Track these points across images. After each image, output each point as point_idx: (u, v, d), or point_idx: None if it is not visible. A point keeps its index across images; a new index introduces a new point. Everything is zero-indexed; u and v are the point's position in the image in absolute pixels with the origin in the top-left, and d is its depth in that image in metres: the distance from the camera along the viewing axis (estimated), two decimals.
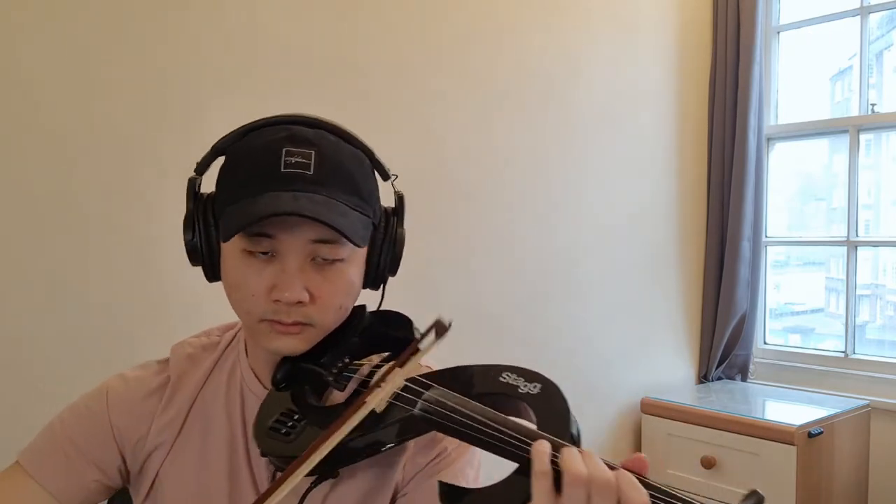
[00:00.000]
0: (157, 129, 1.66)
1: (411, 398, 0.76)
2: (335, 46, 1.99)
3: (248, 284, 0.79)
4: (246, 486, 0.86)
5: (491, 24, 2.36)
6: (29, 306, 1.52)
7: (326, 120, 0.83)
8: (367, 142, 0.85)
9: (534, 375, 0.76)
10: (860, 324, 2.95)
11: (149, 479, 0.87)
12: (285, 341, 0.80)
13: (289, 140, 0.78)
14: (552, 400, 0.73)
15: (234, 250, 0.79)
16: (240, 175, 0.79)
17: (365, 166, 0.84)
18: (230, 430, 0.87)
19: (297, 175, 0.76)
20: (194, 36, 1.74)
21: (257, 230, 0.76)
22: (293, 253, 0.78)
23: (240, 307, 0.81)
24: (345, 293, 0.82)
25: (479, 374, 0.80)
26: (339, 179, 0.78)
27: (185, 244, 0.82)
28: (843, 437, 2.56)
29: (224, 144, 0.82)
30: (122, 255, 1.63)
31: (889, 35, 2.98)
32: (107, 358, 1.47)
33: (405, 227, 0.89)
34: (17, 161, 1.50)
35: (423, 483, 0.84)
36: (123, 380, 0.90)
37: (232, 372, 0.90)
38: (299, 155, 0.77)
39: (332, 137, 0.81)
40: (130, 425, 0.87)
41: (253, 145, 0.80)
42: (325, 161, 0.78)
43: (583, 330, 2.67)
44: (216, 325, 0.97)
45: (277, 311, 0.79)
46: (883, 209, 3.00)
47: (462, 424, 0.72)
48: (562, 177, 2.59)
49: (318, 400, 0.85)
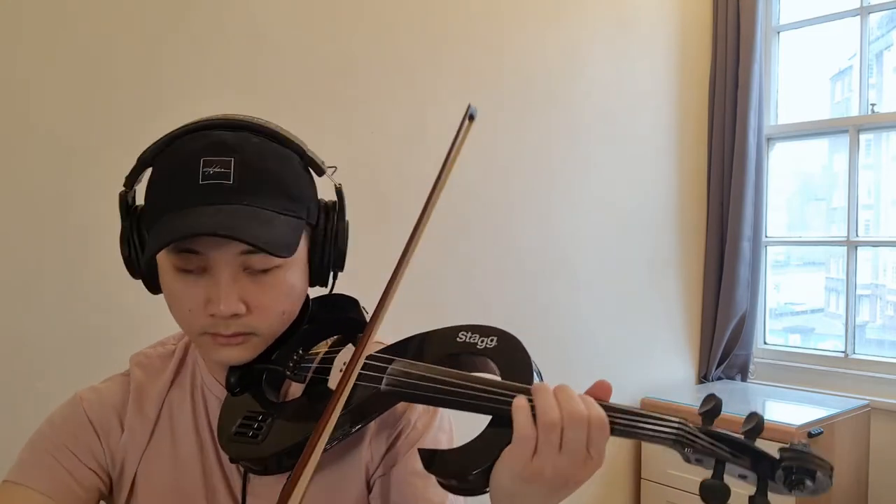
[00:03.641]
0: (157, 130, 1.66)
1: (375, 375, 0.76)
2: (335, 46, 1.99)
3: (183, 300, 0.78)
4: (220, 486, 0.85)
5: (491, 25, 2.36)
6: (28, 306, 1.52)
7: (251, 119, 0.80)
8: (298, 138, 0.82)
9: (489, 330, 0.77)
10: (860, 324, 2.95)
11: (125, 489, 0.86)
12: (228, 352, 0.79)
13: (207, 149, 0.75)
14: (511, 349, 0.75)
15: (167, 265, 0.78)
16: (162, 189, 0.78)
17: (293, 164, 0.80)
18: (198, 435, 0.87)
19: (216, 186, 0.73)
20: (195, 37, 1.74)
21: (183, 246, 0.75)
22: (223, 266, 0.75)
23: (180, 321, 0.80)
24: (285, 299, 0.80)
25: (436, 338, 0.80)
26: (262, 184, 0.75)
27: (123, 259, 0.82)
28: (843, 437, 2.57)
29: (149, 155, 0.80)
30: (120, 256, 1.62)
31: (889, 35, 2.98)
32: (107, 358, 1.47)
33: (348, 220, 0.86)
34: (17, 162, 1.50)
35: (400, 459, 0.83)
36: (93, 390, 0.90)
37: (193, 378, 0.90)
38: (218, 164, 0.74)
39: (255, 139, 0.78)
40: (108, 422, 0.87)
41: (173, 157, 0.77)
42: (247, 167, 0.75)
43: (583, 330, 2.67)
44: (171, 335, 0.96)
45: (216, 325, 0.77)
46: (883, 209, 3.00)
47: (432, 390, 0.73)
48: (562, 177, 2.59)
49: (276, 396, 0.85)
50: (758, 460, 0.62)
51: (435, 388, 0.73)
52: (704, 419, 0.66)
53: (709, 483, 0.63)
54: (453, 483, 0.70)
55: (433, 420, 0.86)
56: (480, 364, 0.77)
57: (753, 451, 0.63)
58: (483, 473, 0.68)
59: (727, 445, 0.63)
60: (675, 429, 0.65)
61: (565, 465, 0.65)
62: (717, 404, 0.66)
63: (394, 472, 0.84)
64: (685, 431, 0.64)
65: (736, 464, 0.63)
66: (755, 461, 0.62)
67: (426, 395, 0.74)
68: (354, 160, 1.97)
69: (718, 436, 0.64)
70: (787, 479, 0.60)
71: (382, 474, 0.84)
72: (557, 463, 0.65)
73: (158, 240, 0.74)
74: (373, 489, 0.85)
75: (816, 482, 0.59)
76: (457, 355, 0.77)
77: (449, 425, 0.88)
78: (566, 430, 0.65)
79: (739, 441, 0.63)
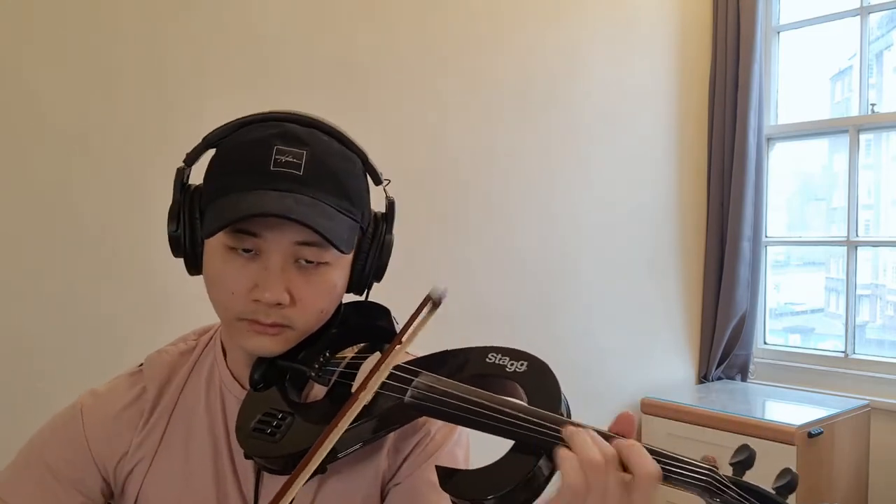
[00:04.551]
0: (158, 130, 1.66)
1: (400, 386, 0.76)
2: (336, 46, 1.99)
3: (228, 281, 0.77)
4: (232, 489, 0.84)
5: (492, 25, 2.36)
6: (28, 306, 1.52)
7: (322, 119, 0.81)
8: (363, 145, 0.83)
9: (519, 354, 0.76)
10: (860, 324, 2.95)
11: (131, 498, 0.86)
12: (261, 341, 0.79)
13: (280, 138, 0.76)
14: (541, 376, 0.73)
15: (218, 245, 0.78)
16: (228, 169, 0.78)
17: (357, 169, 0.82)
18: (212, 434, 0.86)
19: (286, 174, 0.75)
20: (195, 37, 1.73)
21: (242, 227, 0.75)
22: (276, 253, 0.76)
23: (218, 303, 0.80)
24: (327, 297, 0.80)
25: (465, 356, 0.79)
26: (328, 181, 0.77)
27: (168, 235, 0.81)
28: (843, 437, 2.56)
29: (215, 137, 0.80)
30: (122, 256, 1.62)
31: (889, 35, 2.98)
32: (107, 358, 1.47)
33: (394, 234, 0.87)
34: (18, 161, 1.50)
35: (416, 470, 0.83)
36: (96, 397, 0.88)
37: (210, 374, 0.89)
38: (290, 154, 0.75)
39: (324, 138, 0.79)
40: (109, 445, 0.85)
41: (244, 140, 0.78)
42: (316, 161, 0.76)
43: (583, 330, 2.67)
44: (192, 330, 0.96)
45: (256, 311, 0.77)
46: (883, 209, 3.00)
47: (455, 408, 0.72)
48: (562, 177, 2.59)
49: (298, 396, 0.84)
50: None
51: (459, 406, 0.72)
52: (735, 469, 0.64)
53: None
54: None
55: (452, 433, 0.85)
56: (508, 388, 0.75)
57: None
58: (499, 499, 0.66)
59: (757, 500, 0.61)
60: (704, 476, 0.63)
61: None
62: (750, 455, 0.64)
63: (408, 483, 0.83)
64: (715, 480, 0.62)
65: None
66: None
67: (449, 413, 0.73)
68: None
69: (748, 488, 0.62)
70: None
71: (397, 483, 0.84)
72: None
73: (224, 214, 0.74)
74: (386, 498, 0.84)
75: None
76: (484, 376, 0.76)
77: (466, 441, 0.88)
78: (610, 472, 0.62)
79: (771, 497, 0.61)
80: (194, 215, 0.80)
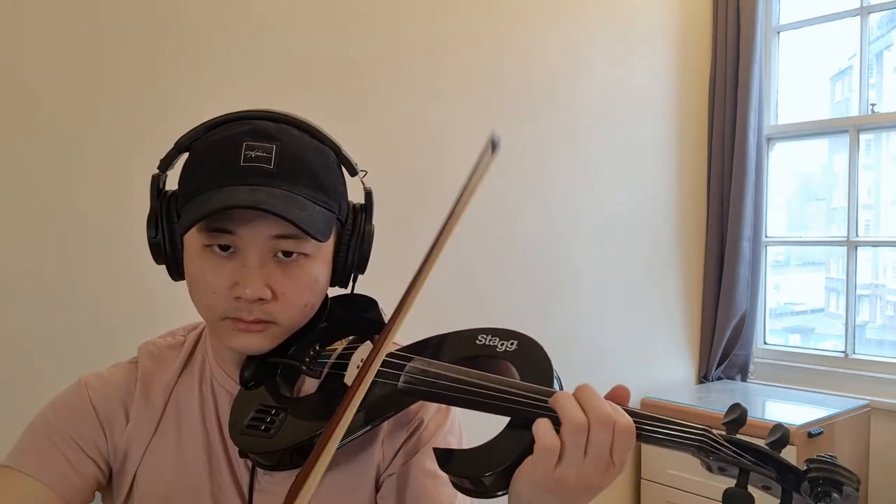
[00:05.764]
0: (157, 131, 1.66)
1: (393, 372, 0.76)
2: (336, 46, 1.99)
3: (208, 281, 0.77)
4: (227, 484, 0.85)
5: (491, 25, 2.36)
6: (28, 306, 1.51)
7: (292, 115, 0.82)
8: (336, 139, 0.84)
9: (509, 333, 0.77)
10: (860, 324, 2.95)
11: (127, 480, 0.86)
12: (247, 339, 0.79)
13: (249, 134, 0.77)
14: (532, 353, 0.75)
15: (196, 246, 0.78)
16: (200, 170, 0.78)
17: (330, 161, 0.82)
18: (205, 429, 0.86)
19: (257, 169, 0.75)
20: (195, 37, 1.73)
21: (215, 225, 0.75)
22: (254, 249, 0.76)
23: (201, 304, 0.80)
24: (309, 290, 0.80)
25: (455, 339, 0.80)
26: (300, 174, 0.77)
27: (148, 242, 0.82)
28: (843, 437, 2.56)
29: (187, 140, 0.81)
30: (123, 256, 1.62)
31: (889, 35, 2.98)
32: (107, 358, 1.47)
33: (374, 224, 0.87)
34: (18, 161, 1.50)
35: (410, 459, 0.83)
36: (98, 376, 0.90)
37: (202, 370, 0.89)
38: (260, 149, 0.76)
39: (295, 132, 0.80)
40: (112, 411, 0.86)
41: (214, 140, 0.79)
42: (287, 155, 0.77)
43: (583, 330, 2.67)
44: (181, 326, 0.96)
45: (239, 309, 0.77)
46: (883, 209, 3.00)
47: (450, 389, 0.72)
48: (562, 177, 2.59)
49: (290, 391, 0.84)
50: (783, 472, 0.61)
51: (454, 388, 0.72)
52: (729, 428, 0.64)
53: (732, 491, 0.62)
54: (466, 484, 0.69)
55: (445, 421, 0.86)
56: (500, 367, 0.76)
57: (779, 462, 0.61)
58: (498, 475, 0.67)
59: (752, 455, 0.62)
60: (698, 436, 0.63)
61: (588, 472, 0.64)
62: (742, 414, 0.65)
63: (403, 471, 0.83)
64: (709, 439, 0.63)
65: (760, 474, 0.61)
66: (780, 472, 0.61)
67: (444, 394, 0.73)
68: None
69: (743, 445, 0.63)
70: (813, 492, 0.58)
71: (392, 473, 0.84)
72: (581, 470, 0.64)
73: (195, 212, 0.74)
74: (381, 487, 0.85)
75: (843, 495, 0.58)
76: (476, 357, 0.76)
77: (459, 429, 0.88)
78: (592, 432, 0.63)
79: (764, 451, 0.62)
80: (172, 220, 0.81)
